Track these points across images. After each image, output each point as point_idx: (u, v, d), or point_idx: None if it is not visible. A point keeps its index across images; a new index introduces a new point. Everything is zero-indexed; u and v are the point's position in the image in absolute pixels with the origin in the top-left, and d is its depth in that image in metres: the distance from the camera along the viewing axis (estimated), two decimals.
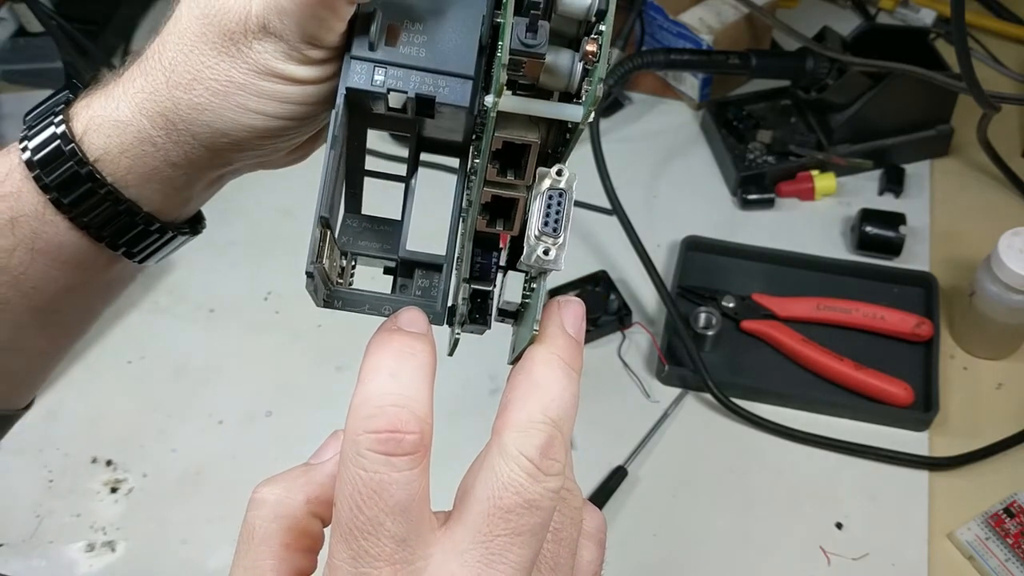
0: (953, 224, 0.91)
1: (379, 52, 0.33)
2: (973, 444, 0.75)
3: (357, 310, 0.35)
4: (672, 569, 0.72)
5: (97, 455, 0.78)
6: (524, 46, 0.30)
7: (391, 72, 0.33)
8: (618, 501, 0.74)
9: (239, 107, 0.36)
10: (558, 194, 0.32)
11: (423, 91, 0.33)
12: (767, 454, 0.77)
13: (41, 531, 0.73)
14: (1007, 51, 1.01)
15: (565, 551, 0.33)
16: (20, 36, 1.05)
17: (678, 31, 0.98)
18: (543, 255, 0.32)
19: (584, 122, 0.32)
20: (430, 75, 0.33)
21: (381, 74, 0.33)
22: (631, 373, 0.81)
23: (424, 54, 0.33)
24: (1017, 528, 0.71)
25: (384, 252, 0.37)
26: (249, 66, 0.35)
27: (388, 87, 0.33)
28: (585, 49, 0.31)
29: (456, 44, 0.33)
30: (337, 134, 0.33)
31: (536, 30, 0.29)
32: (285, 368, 0.82)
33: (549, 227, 0.32)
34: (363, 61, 0.33)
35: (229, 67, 0.36)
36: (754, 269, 0.87)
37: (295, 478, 0.34)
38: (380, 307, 0.36)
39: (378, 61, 0.33)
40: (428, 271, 0.38)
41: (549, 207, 0.32)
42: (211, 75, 0.36)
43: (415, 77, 0.33)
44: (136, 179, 0.38)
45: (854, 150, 0.93)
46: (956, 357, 0.82)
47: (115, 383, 0.82)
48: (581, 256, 0.89)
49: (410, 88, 0.33)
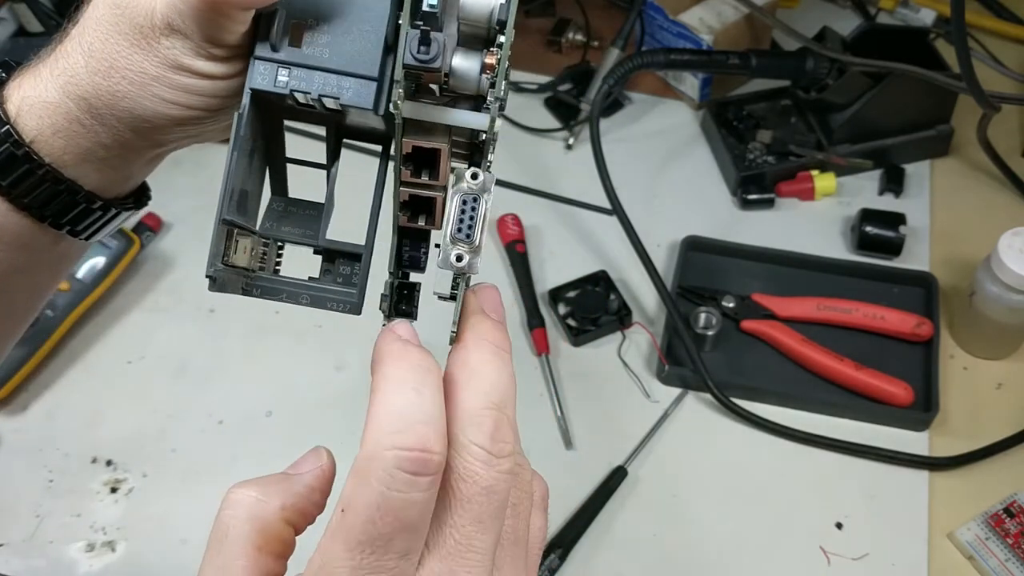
0: (953, 224, 0.91)
1: (282, 53, 0.33)
2: (973, 444, 0.75)
3: (275, 298, 0.35)
4: (672, 569, 0.72)
5: (97, 455, 0.78)
6: (417, 60, 0.30)
7: (295, 73, 0.33)
8: (618, 501, 0.74)
9: (155, 97, 0.37)
10: (471, 198, 0.32)
11: (326, 92, 0.33)
12: (767, 454, 0.77)
13: (41, 531, 0.74)
14: (1007, 51, 1.01)
15: (522, 523, 0.34)
16: (20, 36, 1.04)
17: (678, 31, 0.98)
18: (455, 261, 0.32)
19: (490, 131, 0.32)
20: (334, 76, 0.33)
21: (285, 75, 0.33)
22: (631, 373, 0.81)
23: (328, 54, 0.33)
24: (1017, 528, 0.71)
25: (306, 238, 0.37)
26: (160, 60, 0.36)
27: (291, 88, 0.33)
28: (484, 61, 0.31)
29: (361, 44, 0.33)
30: (243, 134, 0.33)
31: (429, 43, 0.29)
32: (285, 368, 0.82)
33: (462, 232, 0.32)
34: (266, 62, 0.33)
35: (142, 59, 0.36)
36: (754, 269, 0.87)
37: (272, 483, 0.34)
38: (297, 296, 0.36)
39: (281, 62, 0.33)
40: (347, 260, 0.37)
41: (463, 211, 0.32)
42: (126, 64, 0.36)
43: (319, 78, 0.33)
44: (73, 159, 0.39)
45: (854, 150, 0.93)
46: (956, 357, 0.82)
47: (115, 383, 0.82)
48: (581, 256, 0.89)
49: (313, 89, 0.33)
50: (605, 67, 0.98)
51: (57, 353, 0.83)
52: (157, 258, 0.90)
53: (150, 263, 0.90)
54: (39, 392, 0.82)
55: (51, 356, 0.83)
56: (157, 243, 0.91)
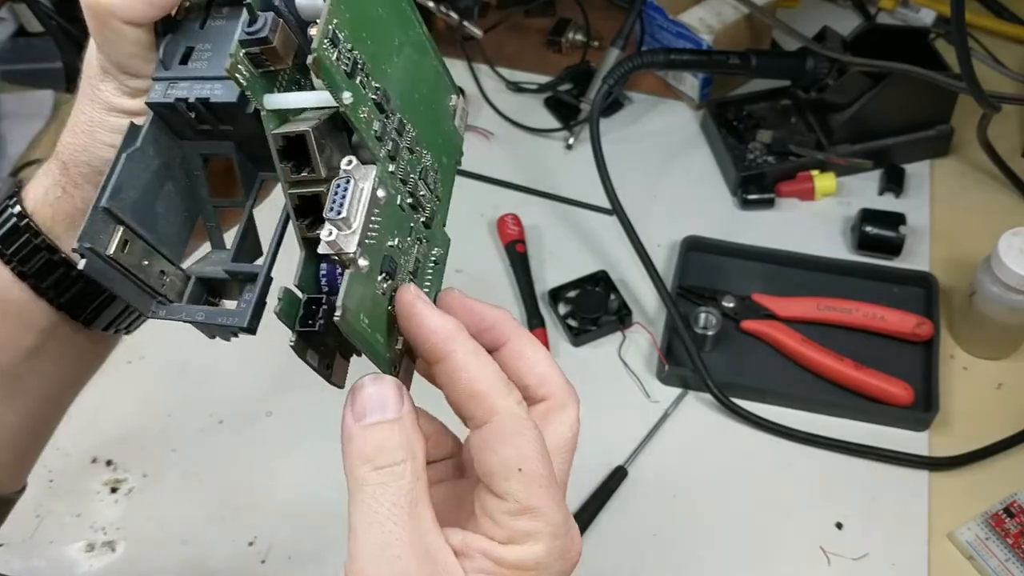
0: (953, 224, 0.90)
1: (172, 70, 0.38)
2: (973, 444, 0.75)
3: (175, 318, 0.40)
4: (672, 569, 0.72)
5: (97, 455, 0.78)
6: (248, 34, 0.33)
7: (180, 85, 0.38)
8: (618, 501, 0.74)
9: (102, 143, 0.41)
10: (344, 180, 0.34)
11: (201, 95, 0.37)
12: (767, 454, 0.77)
13: (41, 531, 0.73)
14: (1007, 51, 1.01)
15: None
16: (20, 36, 1.05)
17: (678, 31, 0.98)
18: (327, 238, 0.33)
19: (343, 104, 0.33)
20: (208, 82, 0.37)
21: (173, 89, 0.38)
22: (631, 373, 0.81)
23: (207, 67, 0.38)
24: (1017, 528, 0.71)
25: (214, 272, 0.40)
26: (101, 105, 0.40)
27: (175, 97, 0.38)
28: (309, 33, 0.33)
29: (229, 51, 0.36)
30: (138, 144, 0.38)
31: (256, 19, 0.33)
32: (285, 368, 0.82)
33: (333, 211, 0.33)
34: (161, 80, 0.38)
35: (91, 109, 0.41)
36: (754, 269, 0.87)
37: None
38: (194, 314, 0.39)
39: (170, 78, 0.38)
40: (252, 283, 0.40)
41: (336, 192, 0.34)
42: (83, 119, 0.41)
43: (197, 85, 0.37)
44: (62, 228, 0.42)
45: (854, 150, 0.93)
46: (956, 357, 0.82)
47: (115, 383, 0.82)
48: (581, 256, 0.89)
49: (192, 94, 0.37)
50: (605, 67, 0.98)
51: None
52: None
53: None
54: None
55: None
56: None
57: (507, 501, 0.34)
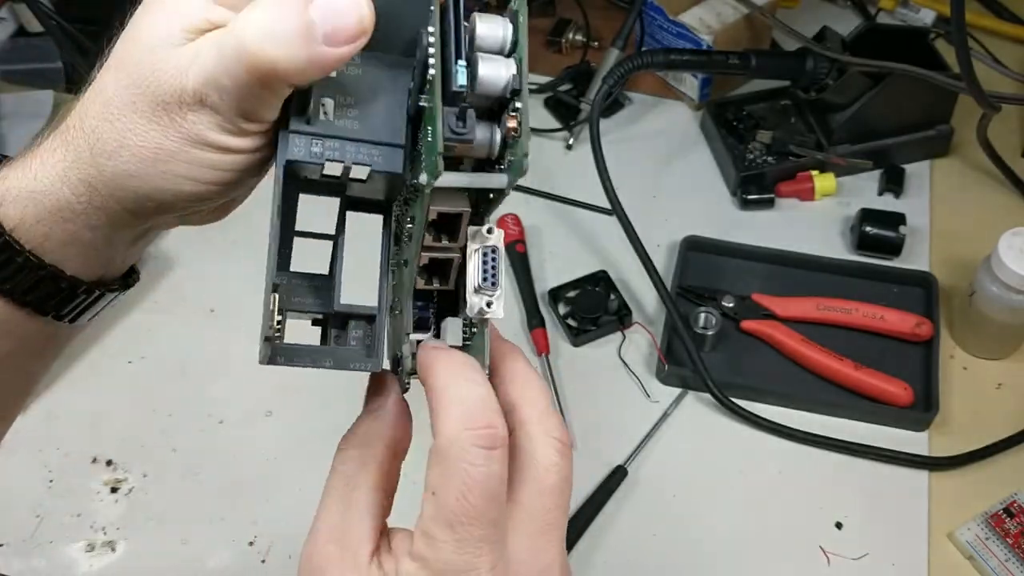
0: (953, 224, 0.91)
1: (316, 126, 0.35)
2: (973, 444, 0.75)
3: (299, 364, 0.38)
4: (672, 569, 0.72)
5: (97, 455, 0.78)
6: (455, 134, 0.33)
7: (328, 143, 0.35)
8: (618, 501, 0.74)
9: (168, 173, 0.36)
10: (491, 250, 0.36)
11: (359, 160, 0.35)
12: (767, 454, 0.77)
13: (41, 531, 0.73)
14: (1007, 51, 1.01)
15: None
16: (20, 36, 1.04)
17: (678, 31, 0.98)
18: (486, 307, 0.36)
19: (509, 188, 0.36)
20: (364, 145, 0.35)
21: (318, 146, 0.35)
22: (631, 373, 0.81)
23: (357, 126, 0.35)
24: (1017, 528, 0.71)
25: (319, 307, 0.39)
26: (182, 135, 0.35)
27: (326, 157, 0.35)
28: (507, 126, 0.34)
29: (386, 117, 0.36)
30: (279, 205, 0.35)
31: (465, 119, 0.34)
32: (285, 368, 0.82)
33: (488, 282, 0.36)
34: (301, 135, 0.35)
35: (160, 136, 0.35)
36: (754, 269, 0.87)
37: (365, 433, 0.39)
38: (321, 360, 0.38)
39: (315, 134, 0.35)
40: (360, 321, 0.40)
41: (485, 264, 0.36)
42: (139, 142, 0.35)
43: (351, 147, 0.35)
44: (55, 245, 0.38)
45: (854, 150, 0.93)
46: (956, 357, 0.82)
47: (115, 383, 0.82)
48: (581, 256, 0.89)
49: (347, 158, 0.35)
50: (605, 67, 0.98)
51: None
52: (158, 258, 0.90)
53: (150, 263, 0.89)
54: (39, 392, 0.82)
55: None
56: (157, 243, 0.91)
57: (419, 519, 0.34)
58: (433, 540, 0.33)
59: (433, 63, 0.33)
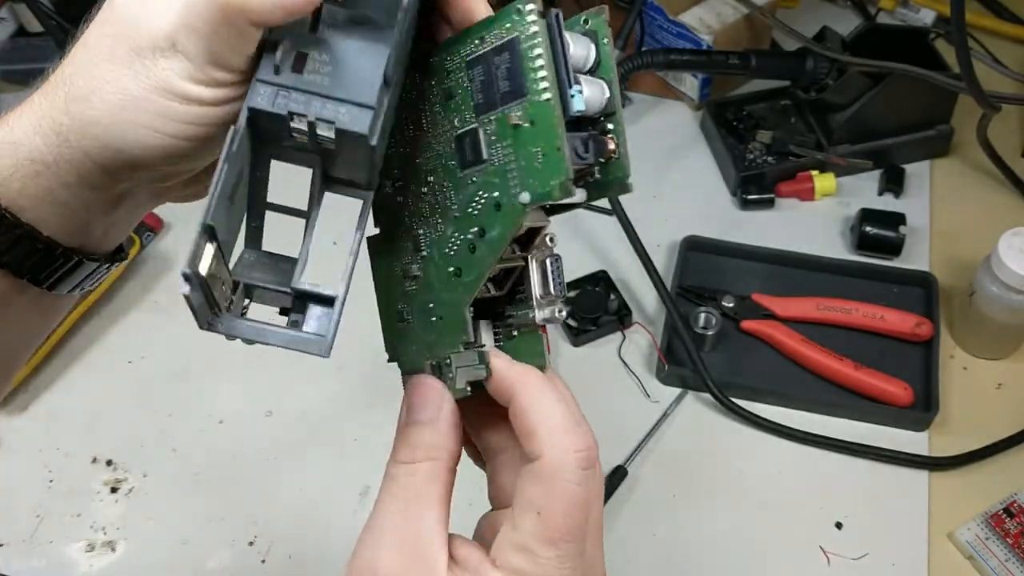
0: (953, 224, 0.91)
1: (284, 77, 0.34)
2: (973, 444, 0.75)
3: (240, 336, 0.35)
4: (672, 569, 0.72)
5: (97, 455, 0.78)
6: (580, 158, 0.35)
7: (294, 96, 0.34)
8: (618, 501, 0.74)
9: (133, 122, 0.35)
10: (555, 259, 0.38)
11: (324, 116, 0.33)
12: (767, 454, 0.77)
13: (41, 531, 0.74)
14: (1007, 51, 1.01)
15: None
16: (20, 36, 1.05)
17: (678, 31, 0.98)
18: (557, 315, 0.38)
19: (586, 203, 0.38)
20: (332, 102, 0.34)
21: (284, 98, 0.34)
22: (631, 373, 0.81)
23: (328, 82, 0.34)
24: (1017, 528, 0.71)
25: (277, 284, 0.37)
26: (151, 83, 0.35)
27: (290, 110, 0.34)
28: (608, 147, 0.36)
29: (360, 76, 0.34)
30: (235, 151, 0.33)
31: (588, 146, 0.36)
32: (285, 368, 0.82)
33: (557, 290, 0.38)
34: (268, 84, 0.34)
35: (129, 80, 0.35)
36: (754, 269, 0.87)
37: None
38: (263, 335, 0.35)
39: (282, 85, 0.34)
40: (319, 305, 0.37)
41: (554, 272, 0.38)
42: (109, 88, 0.35)
43: (317, 103, 0.34)
44: (30, 201, 0.37)
45: (854, 150, 0.93)
46: (956, 357, 0.82)
47: (115, 383, 0.82)
48: (581, 256, 0.89)
49: (311, 112, 0.33)
50: None
51: (57, 353, 0.83)
52: (157, 258, 0.90)
53: (150, 263, 0.90)
54: (39, 392, 0.82)
55: (51, 356, 0.83)
56: (157, 243, 0.91)
57: (516, 531, 0.35)
58: (535, 556, 0.35)
59: (547, 85, 0.34)
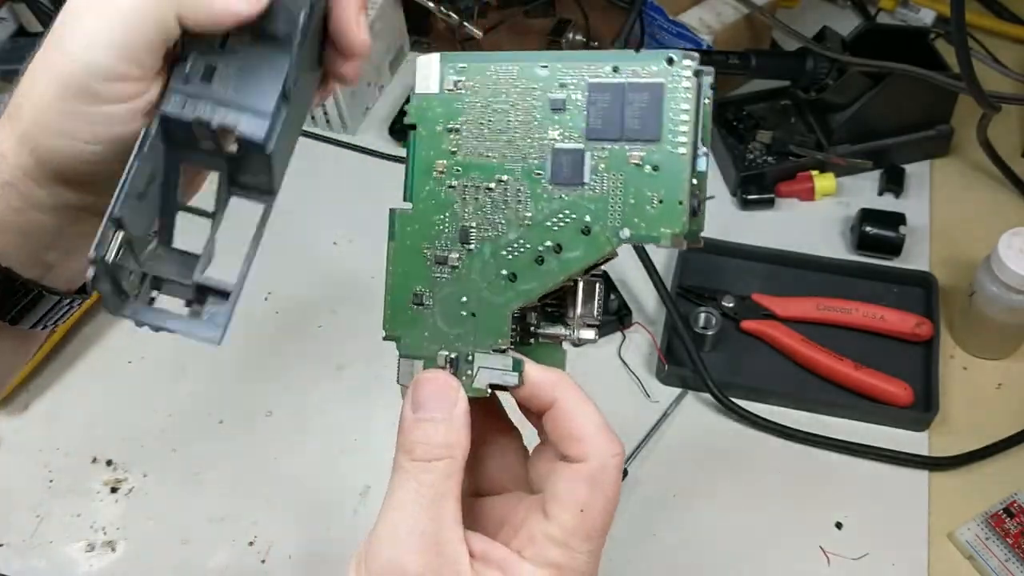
0: (953, 224, 0.90)
1: (193, 86, 0.38)
2: (973, 444, 0.75)
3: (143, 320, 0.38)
4: (672, 569, 0.72)
5: (97, 455, 0.78)
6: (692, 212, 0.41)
7: (201, 104, 0.37)
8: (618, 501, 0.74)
9: (49, 129, 0.37)
10: (601, 280, 0.41)
11: (226, 123, 0.37)
12: (767, 454, 0.77)
13: (41, 531, 0.74)
14: (1007, 51, 1.01)
15: None
16: (20, 36, 1.04)
17: (678, 31, 0.98)
18: (591, 337, 0.40)
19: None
20: (233, 110, 0.37)
21: (192, 105, 0.37)
22: (631, 373, 0.81)
23: (232, 94, 0.37)
24: (1017, 528, 0.71)
25: (180, 276, 0.40)
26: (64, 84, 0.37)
27: (196, 116, 0.37)
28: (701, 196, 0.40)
29: (261, 87, 0.37)
30: (145, 151, 0.37)
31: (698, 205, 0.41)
32: (285, 368, 0.82)
33: (597, 315, 0.40)
34: (178, 93, 0.38)
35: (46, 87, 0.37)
36: (754, 269, 0.87)
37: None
38: (164, 321, 0.39)
39: (191, 94, 0.37)
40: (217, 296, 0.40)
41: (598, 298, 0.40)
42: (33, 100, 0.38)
43: (221, 110, 0.37)
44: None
45: (854, 150, 0.93)
46: (956, 357, 0.82)
47: (115, 383, 0.82)
48: None
49: (215, 119, 0.37)
50: None
51: (57, 353, 0.83)
52: None
53: None
54: (39, 392, 0.82)
55: (51, 356, 0.83)
56: None
57: (552, 525, 0.37)
58: (572, 551, 0.37)
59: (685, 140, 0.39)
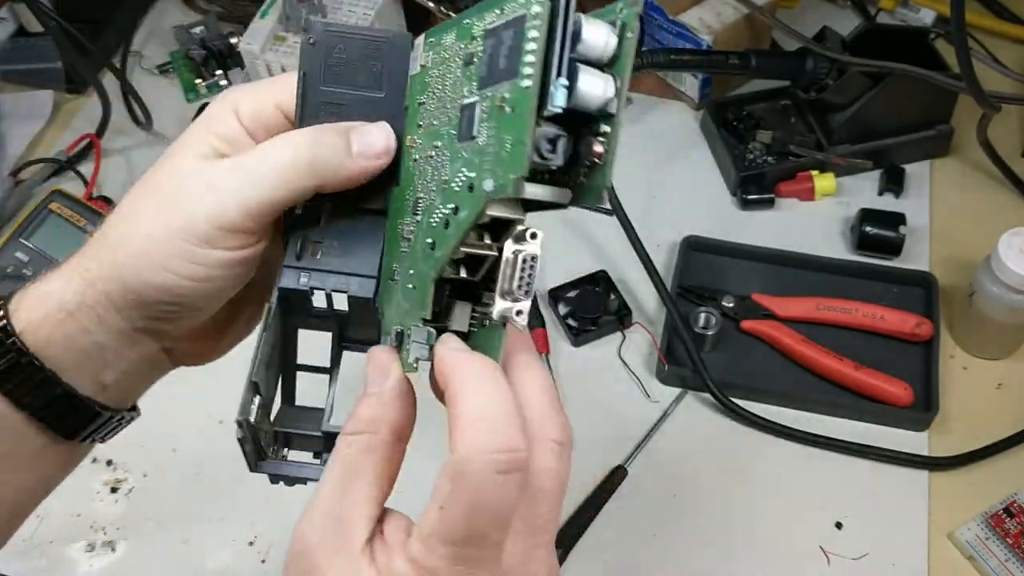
0: (953, 224, 0.90)
1: (304, 261, 0.42)
2: (973, 444, 0.75)
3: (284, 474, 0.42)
4: (672, 569, 0.72)
5: (97, 455, 0.78)
6: (541, 159, 0.32)
7: (313, 275, 0.42)
8: (618, 501, 0.74)
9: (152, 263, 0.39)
10: (530, 258, 0.35)
11: (338, 287, 0.42)
12: (767, 454, 0.77)
13: (41, 531, 0.73)
14: (1007, 51, 1.01)
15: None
16: (20, 36, 1.04)
17: (678, 31, 0.98)
18: (515, 316, 0.35)
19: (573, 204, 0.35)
20: (343, 276, 0.42)
21: (306, 278, 0.42)
22: (631, 373, 0.81)
23: (339, 263, 0.42)
24: (1017, 528, 0.71)
25: (309, 429, 0.44)
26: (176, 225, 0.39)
27: (311, 285, 0.42)
28: (593, 150, 0.32)
29: (362, 257, 0.42)
30: (271, 323, 0.42)
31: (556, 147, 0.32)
32: None
33: (521, 290, 0.35)
34: (292, 269, 0.42)
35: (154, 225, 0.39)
36: (754, 269, 0.87)
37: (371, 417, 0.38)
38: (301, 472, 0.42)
39: (303, 268, 0.42)
40: None
41: (522, 270, 0.35)
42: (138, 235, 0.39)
43: (332, 278, 0.42)
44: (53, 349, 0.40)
45: (854, 150, 0.93)
46: (956, 357, 0.82)
47: None
48: (581, 256, 0.89)
49: (327, 286, 0.42)
50: None
51: None
52: None
53: None
54: None
55: None
56: None
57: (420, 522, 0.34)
58: (431, 551, 0.33)
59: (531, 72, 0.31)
